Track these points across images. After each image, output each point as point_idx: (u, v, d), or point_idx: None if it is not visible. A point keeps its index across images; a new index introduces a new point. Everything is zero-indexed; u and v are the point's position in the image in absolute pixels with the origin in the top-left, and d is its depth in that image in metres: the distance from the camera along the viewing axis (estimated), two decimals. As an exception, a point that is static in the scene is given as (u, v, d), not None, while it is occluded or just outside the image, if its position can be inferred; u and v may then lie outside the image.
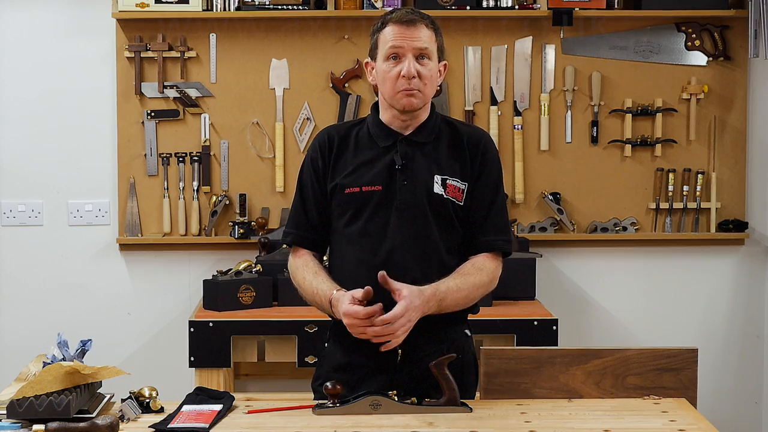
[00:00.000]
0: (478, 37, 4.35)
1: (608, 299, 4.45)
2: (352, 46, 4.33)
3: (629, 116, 4.34)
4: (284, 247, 4.00)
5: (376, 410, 2.32)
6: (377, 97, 2.63)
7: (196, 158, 4.34)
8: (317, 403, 2.37)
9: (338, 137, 2.60)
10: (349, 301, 2.40)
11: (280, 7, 4.24)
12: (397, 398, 2.34)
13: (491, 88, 4.36)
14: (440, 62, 2.57)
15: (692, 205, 4.38)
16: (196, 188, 4.35)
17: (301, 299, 2.62)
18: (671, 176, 4.36)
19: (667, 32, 4.36)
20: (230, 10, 4.23)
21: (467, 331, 2.65)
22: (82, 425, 2.10)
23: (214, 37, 4.31)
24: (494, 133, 4.30)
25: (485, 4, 4.26)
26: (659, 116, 4.35)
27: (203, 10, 4.22)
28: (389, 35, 2.50)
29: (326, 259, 2.69)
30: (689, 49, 4.35)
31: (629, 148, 4.35)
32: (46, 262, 4.40)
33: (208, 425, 2.23)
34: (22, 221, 4.38)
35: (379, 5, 4.22)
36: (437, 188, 2.53)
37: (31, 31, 4.33)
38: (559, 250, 4.40)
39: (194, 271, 4.37)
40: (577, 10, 4.24)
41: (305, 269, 2.58)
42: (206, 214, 4.35)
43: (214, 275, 3.94)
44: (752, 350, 4.47)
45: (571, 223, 4.36)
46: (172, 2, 4.21)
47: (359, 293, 2.40)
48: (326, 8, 4.24)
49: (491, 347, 2.51)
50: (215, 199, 4.31)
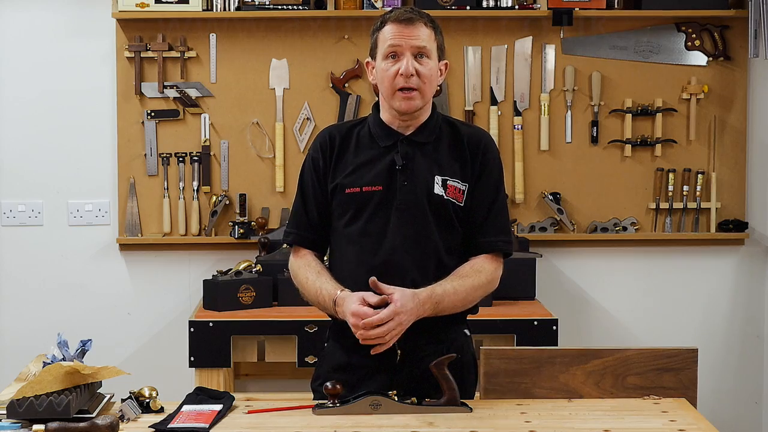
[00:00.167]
0: (478, 37, 4.35)
1: (608, 299, 4.45)
2: (352, 46, 4.33)
3: (629, 116, 4.34)
4: (284, 247, 4.01)
5: (376, 410, 2.32)
6: (377, 97, 2.63)
7: (196, 158, 4.34)
8: (317, 403, 2.37)
9: (339, 137, 2.59)
10: (358, 301, 2.39)
11: (280, 7, 4.23)
12: (397, 398, 2.34)
13: (491, 88, 4.36)
14: (440, 61, 2.56)
15: (692, 205, 4.38)
16: (196, 188, 4.35)
17: (301, 299, 2.61)
18: (671, 176, 4.36)
19: (667, 32, 4.36)
20: (230, 10, 4.23)
21: (466, 330, 2.65)
22: (82, 425, 2.10)
23: (214, 37, 4.31)
24: (494, 133, 4.30)
25: (485, 4, 4.26)
26: (659, 116, 4.34)
27: (203, 10, 4.22)
28: (388, 34, 2.49)
29: (326, 259, 2.69)
30: (689, 49, 4.35)
31: (629, 148, 4.35)
32: (46, 262, 4.40)
33: (208, 425, 2.22)
34: (22, 221, 4.38)
35: (379, 5, 4.22)
36: (438, 189, 2.53)
37: (31, 31, 4.33)
38: (559, 250, 4.40)
39: (194, 271, 4.37)
40: (577, 10, 4.24)
41: (308, 269, 2.58)
42: (206, 214, 4.35)
43: (214, 275, 3.94)
44: (752, 350, 4.47)
45: (571, 223, 4.36)
46: (172, 2, 4.21)
47: (374, 299, 2.39)
48: (326, 8, 4.24)
49: (491, 347, 2.51)
50: (215, 199, 4.31)
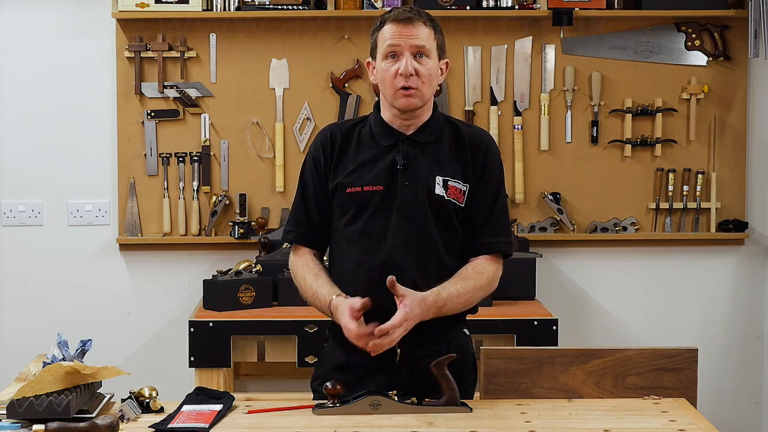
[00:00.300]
0: (478, 37, 4.35)
1: (608, 299, 4.45)
2: (352, 46, 4.33)
3: (629, 116, 4.34)
4: (284, 246, 4.01)
5: (376, 410, 2.32)
6: (378, 97, 2.62)
7: (196, 158, 4.34)
8: (317, 403, 2.37)
9: (340, 135, 2.59)
10: (348, 313, 2.39)
11: (280, 7, 4.23)
12: (397, 398, 2.34)
13: (491, 88, 4.36)
14: (441, 60, 2.56)
15: (692, 205, 4.38)
16: (196, 188, 4.35)
17: (301, 299, 2.61)
18: (671, 176, 4.36)
19: (667, 32, 4.36)
20: (230, 10, 4.23)
21: (466, 330, 2.65)
22: (82, 425, 2.10)
23: (214, 37, 4.31)
24: (494, 133, 4.30)
25: (485, 4, 4.26)
26: (659, 116, 4.34)
27: (203, 10, 4.22)
28: (387, 34, 2.49)
29: (326, 258, 2.69)
30: (689, 49, 4.35)
31: (629, 148, 4.35)
32: (46, 262, 4.40)
33: (208, 425, 2.22)
34: (22, 221, 4.38)
35: (379, 5, 4.22)
36: (438, 189, 2.52)
37: (31, 31, 4.33)
38: (559, 250, 4.40)
39: (194, 271, 4.37)
40: (577, 10, 4.24)
41: (306, 270, 2.57)
42: (206, 214, 4.35)
43: (214, 275, 3.94)
44: (752, 350, 4.47)
45: (571, 223, 4.36)
46: (172, 2, 4.21)
47: (358, 303, 2.39)
48: (326, 8, 4.24)
49: (491, 347, 2.51)
50: (215, 199, 4.31)
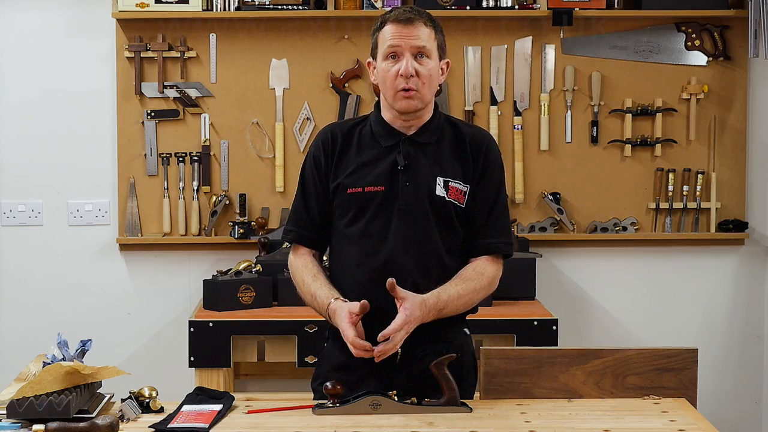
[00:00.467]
0: (478, 37, 4.35)
1: (608, 299, 4.45)
2: (352, 46, 4.33)
3: (629, 116, 4.34)
4: (284, 246, 4.01)
5: (376, 410, 2.32)
6: (378, 97, 2.62)
7: (196, 158, 4.34)
8: (317, 403, 2.37)
9: (341, 135, 2.58)
10: (347, 318, 2.39)
11: (280, 7, 4.23)
12: (397, 398, 2.34)
13: (491, 88, 4.36)
14: (441, 60, 2.55)
15: (692, 205, 4.38)
16: (196, 188, 4.35)
17: (301, 299, 2.61)
18: (671, 176, 4.36)
19: (667, 32, 4.36)
20: (230, 10, 4.23)
21: (466, 330, 2.65)
22: (82, 425, 2.10)
23: (214, 37, 4.31)
24: (494, 133, 4.30)
25: (485, 4, 4.26)
26: (659, 116, 4.34)
27: (203, 10, 4.22)
28: (387, 34, 2.49)
29: (326, 258, 2.69)
30: (689, 49, 4.35)
31: (629, 148, 4.35)
32: (46, 262, 4.40)
33: (208, 425, 2.22)
34: (22, 221, 4.38)
35: (379, 5, 4.22)
36: (439, 190, 2.52)
37: (31, 31, 4.33)
38: (559, 250, 4.40)
39: (194, 271, 4.37)
40: (577, 10, 4.24)
41: (305, 271, 2.57)
42: (206, 214, 4.35)
43: (214, 275, 3.94)
44: (752, 350, 4.47)
45: (571, 223, 4.36)
46: (172, 2, 4.21)
47: (356, 308, 2.39)
48: (326, 8, 4.24)
49: (491, 347, 2.51)
50: (215, 199, 4.31)
